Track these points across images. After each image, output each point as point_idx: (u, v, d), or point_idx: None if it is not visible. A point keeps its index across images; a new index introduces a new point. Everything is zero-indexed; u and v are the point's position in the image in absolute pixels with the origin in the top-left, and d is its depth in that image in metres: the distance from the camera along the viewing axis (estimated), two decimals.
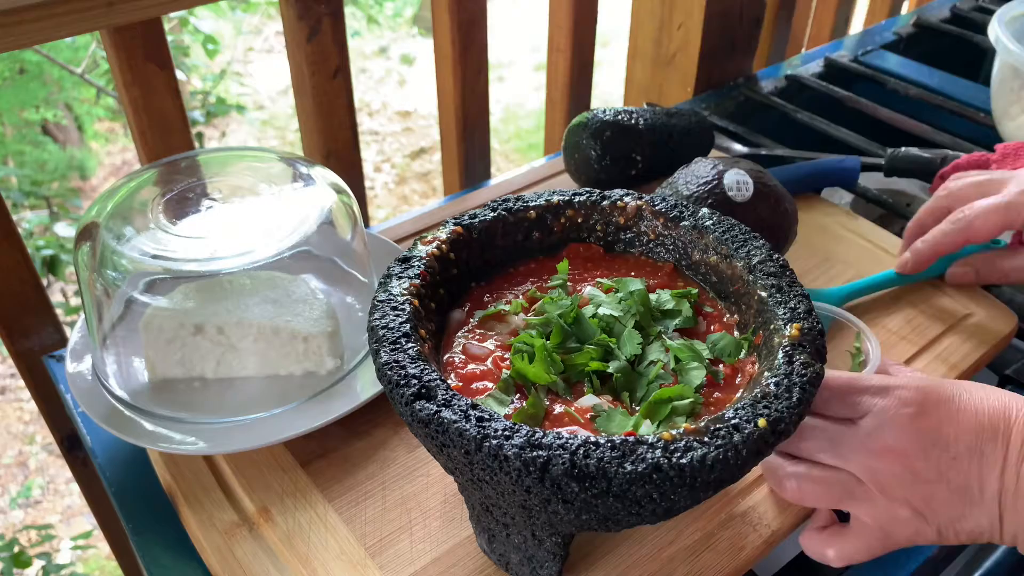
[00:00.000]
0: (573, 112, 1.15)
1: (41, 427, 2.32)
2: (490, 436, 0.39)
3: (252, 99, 3.40)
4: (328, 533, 0.53)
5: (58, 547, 1.98)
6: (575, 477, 0.38)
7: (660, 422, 0.44)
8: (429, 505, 0.55)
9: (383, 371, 0.43)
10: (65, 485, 2.20)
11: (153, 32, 0.75)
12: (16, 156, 2.78)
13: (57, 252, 1.78)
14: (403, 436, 0.60)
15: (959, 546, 0.58)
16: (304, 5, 0.82)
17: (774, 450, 0.43)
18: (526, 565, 0.49)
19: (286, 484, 0.57)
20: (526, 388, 0.46)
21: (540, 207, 0.56)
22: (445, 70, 1.00)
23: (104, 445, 0.63)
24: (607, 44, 3.41)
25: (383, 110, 3.54)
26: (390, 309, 0.47)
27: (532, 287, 0.54)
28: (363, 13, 3.77)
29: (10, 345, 0.80)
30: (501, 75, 3.61)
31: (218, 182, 0.65)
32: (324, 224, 0.62)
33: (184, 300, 0.61)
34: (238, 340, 0.60)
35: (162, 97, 0.78)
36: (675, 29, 1.05)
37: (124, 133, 3.21)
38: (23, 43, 0.67)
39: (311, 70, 0.86)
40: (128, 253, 0.58)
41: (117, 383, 0.61)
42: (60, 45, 2.40)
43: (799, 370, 0.43)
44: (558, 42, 1.10)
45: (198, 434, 0.57)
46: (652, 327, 0.50)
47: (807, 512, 0.55)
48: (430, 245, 0.52)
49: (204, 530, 0.54)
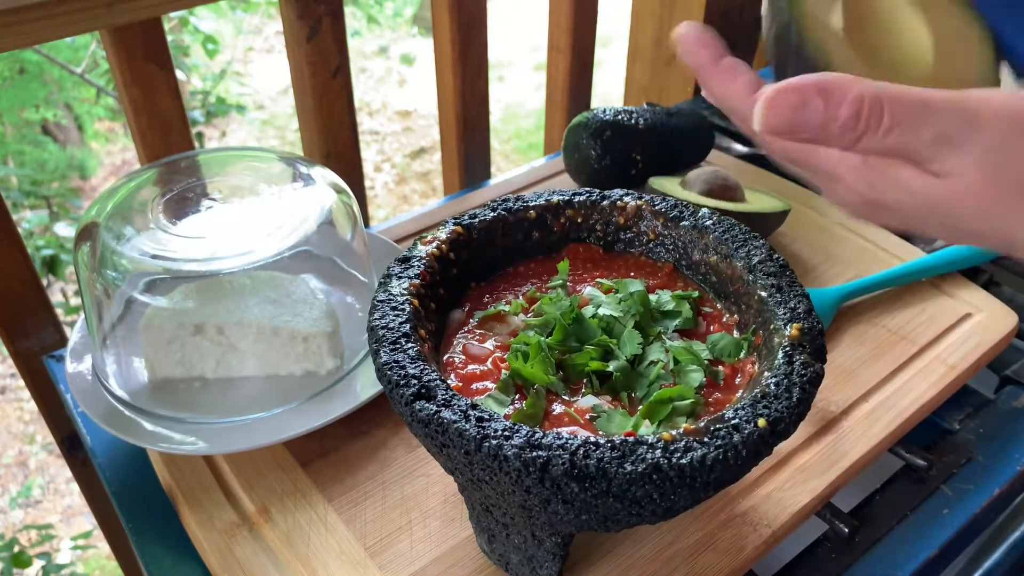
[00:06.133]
0: (573, 112, 1.15)
1: (41, 427, 2.32)
2: (490, 436, 0.39)
3: (252, 99, 3.40)
4: (328, 533, 0.53)
5: (58, 547, 1.98)
6: (575, 477, 0.38)
7: (660, 422, 0.44)
8: (429, 505, 0.55)
9: (383, 371, 0.43)
10: (65, 485, 2.21)
11: (153, 32, 0.75)
12: (16, 156, 2.78)
13: (57, 252, 1.78)
14: (403, 436, 0.60)
15: (959, 546, 0.58)
16: (304, 5, 0.82)
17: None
18: (526, 565, 0.49)
19: (286, 484, 0.57)
20: (525, 388, 0.46)
21: (540, 207, 0.56)
22: (445, 70, 1.00)
23: (104, 445, 0.63)
24: (607, 44, 3.41)
25: (383, 110, 3.54)
26: (390, 309, 0.47)
27: (532, 287, 0.54)
28: (363, 13, 3.77)
29: (10, 345, 0.80)
30: (501, 75, 3.61)
31: (218, 182, 0.65)
32: (324, 224, 0.62)
33: (184, 300, 0.61)
34: (238, 340, 0.60)
35: (162, 97, 0.78)
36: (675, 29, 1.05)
37: (124, 133, 3.21)
38: (23, 43, 0.67)
39: (311, 70, 0.86)
40: (128, 253, 0.58)
41: (117, 383, 0.61)
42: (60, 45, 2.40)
43: (799, 370, 0.43)
44: (558, 42, 1.10)
45: (198, 434, 0.57)
46: (652, 327, 0.50)
47: (807, 512, 0.55)
48: (430, 245, 0.52)
49: (204, 530, 0.54)
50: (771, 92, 0.32)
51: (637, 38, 1.11)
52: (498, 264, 0.55)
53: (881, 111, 0.31)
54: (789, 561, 0.55)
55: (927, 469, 0.60)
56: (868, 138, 0.32)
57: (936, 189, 0.32)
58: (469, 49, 0.98)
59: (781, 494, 0.55)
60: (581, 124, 0.82)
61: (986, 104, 0.31)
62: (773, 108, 0.32)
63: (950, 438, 0.62)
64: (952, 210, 0.32)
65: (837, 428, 0.60)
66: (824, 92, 0.31)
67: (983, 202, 0.32)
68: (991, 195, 0.31)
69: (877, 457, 0.59)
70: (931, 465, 0.60)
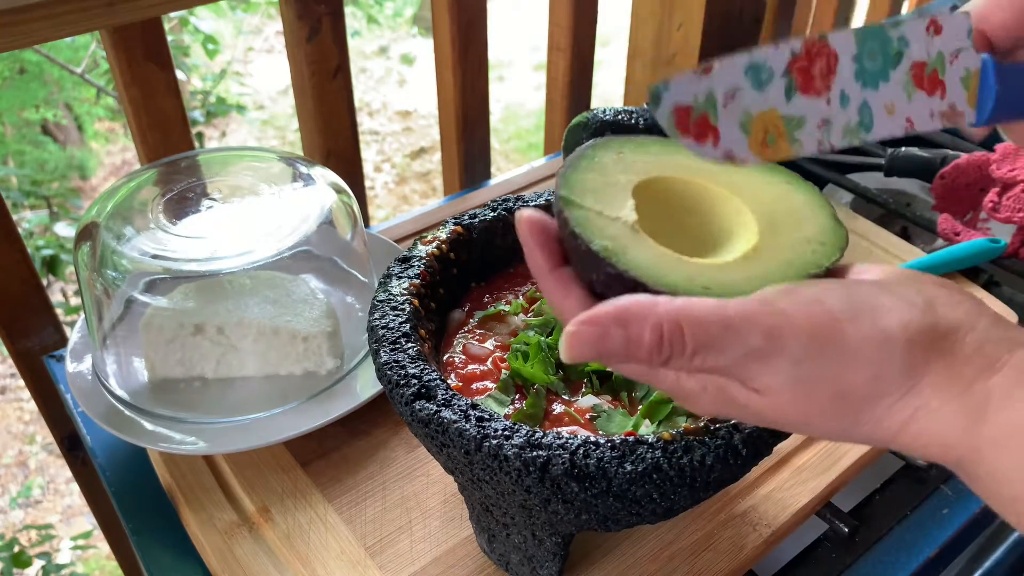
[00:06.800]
0: (573, 112, 1.15)
1: (41, 427, 2.32)
2: (490, 436, 0.39)
3: (252, 99, 3.40)
4: (328, 533, 0.53)
5: (58, 547, 1.98)
6: (575, 477, 0.38)
7: (660, 422, 0.44)
8: (429, 505, 0.55)
9: (383, 371, 0.43)
10: (65, 485, 2.20)
11: (153, 32, 0.75)
12: (16, 156, 2.78)
13: (57, 252, 1.78)
14: (403, 436, 0.60)
15: (959, 546, 0.58)
16: (304, 5, 0.82)
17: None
18: (526, 565, 0.49)
19: (286, 484, 0.57)
20: (525, 388, 0.46)
21: (540, 207, 0.56)
22: (445, 70, 1.00)
23: (104, 445, 0.63)
24: (607, 44, 3.41)
25: (383, 110, 3.54)
26: (390, 309, 0.47)
27: (532, 287, 0.54)
28: (363, 13, 3.77)
29: (10, 345, 0.80)
30: (501, 75, 3.61)
31: (218, 182, 0.65)
32: (324, 224, 0.62)
33: (184, 300, 0.61)
34: (238, 340, 0.60)
35: (162, 97, 0.78)
36: (675, 29, 1.05)
37: (124, 133, 3.21)
38: (23, 43, 0.67)
39: (311, 70, 0.86)
40: (128, 253, 0.58)
41: (117, 383, 0.61)
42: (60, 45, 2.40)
43: None
44: (558, 42, 1.10)
45: (198, 434, 0.57)
46: None
47: (807, 512, 0.55)
48: (430, 245, 0.52)
49: (204, 530, 0.54)
50: (571, 327, 0.32)
51: (637, 38, 1.11)
52: (498, 264, 0.55)
53: (682, 336, 0.31)
54: (789, 561, 0.55)
55: (927, 469, 0.60)
56: (676, 360, 0.31)
57: (761, 405, 0.32)
58: (469, 49, 0.98)
59: (781, 494, 0.55)
60: (581, 124, 0.82)
61: (786, 319, 0.31)
62: (576, 341, 0.31)
63: None
64: (786, 422, 0.32)
65: None
66: (622, 321, 0.31)
67: (806, 417, 0.32)
68: (811, 410, 0.31)
69: (877, 457, 0.59)
70: (931, 465, 0.60)
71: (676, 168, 0.39)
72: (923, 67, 0.36)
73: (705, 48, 1.03)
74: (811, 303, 0.31)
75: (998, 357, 0.31)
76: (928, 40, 0.36)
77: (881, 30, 0.36)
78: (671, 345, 0.31)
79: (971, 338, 0.31)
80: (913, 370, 0.31)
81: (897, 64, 0.36)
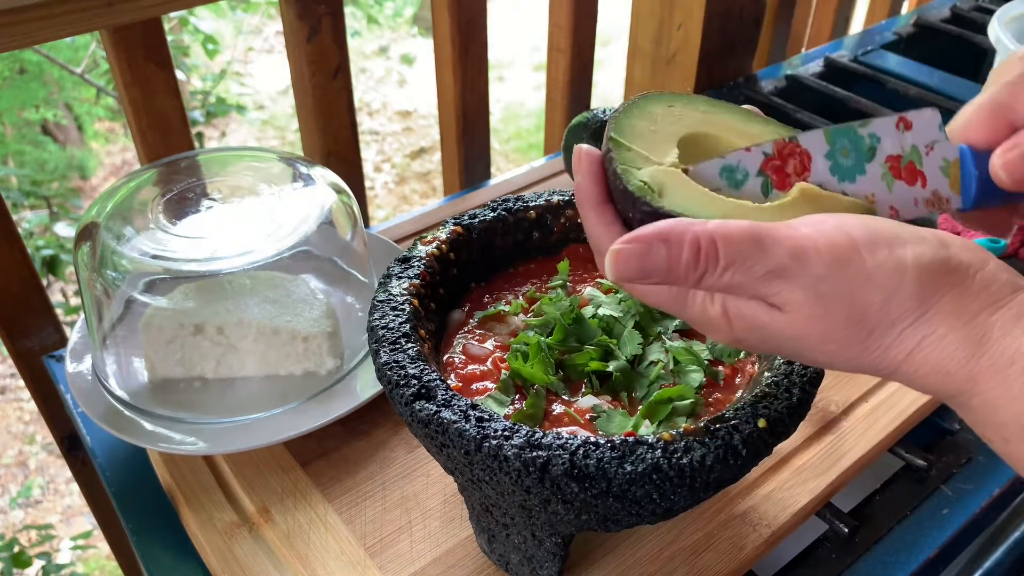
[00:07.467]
0: (573, 112, 1.15)
1: (41, 427, 2.32)
2: (490, 436, 0.39)
3: (252, 99, 3.40)
4: (328, 533, 0.53)
5: (58, 547, 1.98)
6: (575, 477, 0.38)
7: (660, 422, 0.44)
8: (429, 505, 0.55)
9: (383, 371, 0.43)
10: (65, 485, 2.20)
11: (153, 32, 0.75)
12: (16, 156, 2.78)
13: (57, 252, 1.78)
14: (403, 436, 0.60)
15: (959, 546, 0.58)
16: (304, 5, 0.82)
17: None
18: (526, 565, 0.49)
19: (286, 484, 0.57)
20: (525, 388, 0.46)
21: (540, 207, 0.56)
22: (445, 70, 1.00)
23: (104, 445, 0.63)
24: (607, 44, 3.41)
25: (383, 110, 3.54)
26: (390, 309, 0.47)
27: (532, 287, 0.54)
28: (363, 13, 3.76)
29: (10, 345, 0.80)
30: (501, 75, 3.61)
31: (218, 182, 0.65)
32: (324, 224, 0.62)
33: (184, 300, 0.61)
34: (238, 340, 0.60)
35: (162, 97, 0.78)
36: (675, 29, 1.05)
37: (124, 133, 3.21)
38: (23, 43, 0.67)
39: (311, 70, 0.86)
40: (128, 253, 0.58)
41: (117, 383, 0.61)
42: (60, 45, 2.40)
43: (799, 370, 0.43)
44: (558, 42, 1.10)
45: (198, 434, 0.57)
46: (652, 328, 0.50)
47: (807, 512, 0.55)
48: (430, 245, 0.52)
49: (204, 530, 0.54)
50: (616, 245, 0.34)
51: (637, 38, 1.11)
52: (498, 264, 0.55)
53: (716, 251, 0.33)
54: (789, 561, 0.55)
55: (927, 469, 0.60)
56: (708, 277, 0.34)
57: (782, 323, 0.34)
58: (469, 49, 0.98)
59: (781, 494, 0.55)
60: (581, 124, 0.82)
61: (811, 241, 0.33)
62: (620, 258, 0.34)
63: (950, 438, 0.62)
64: (801, 344, 0.34)
65: (837, 428, 0.60)
66: (664, 238, 0.33)
67: (821, 336, 0.34)
68: (827, 329, 0.33)
69: (877, 457, 0.59)
70: (931, 465, 0.60)
71: (722, 127, 0.41)
72: (899, 159, 0.38)
73: (705, 48, 1.03)
74: (835, 230, 0.33)
75: (1002, 296, 0.33)
76: (900, 135, 0.37)
77: (850, 129, 0.37)
78: (707, 260, 0.33)
79: (980, 276, 0.33)
80: (924, 298, 0.33)
81: (872, 158, 0.37)
